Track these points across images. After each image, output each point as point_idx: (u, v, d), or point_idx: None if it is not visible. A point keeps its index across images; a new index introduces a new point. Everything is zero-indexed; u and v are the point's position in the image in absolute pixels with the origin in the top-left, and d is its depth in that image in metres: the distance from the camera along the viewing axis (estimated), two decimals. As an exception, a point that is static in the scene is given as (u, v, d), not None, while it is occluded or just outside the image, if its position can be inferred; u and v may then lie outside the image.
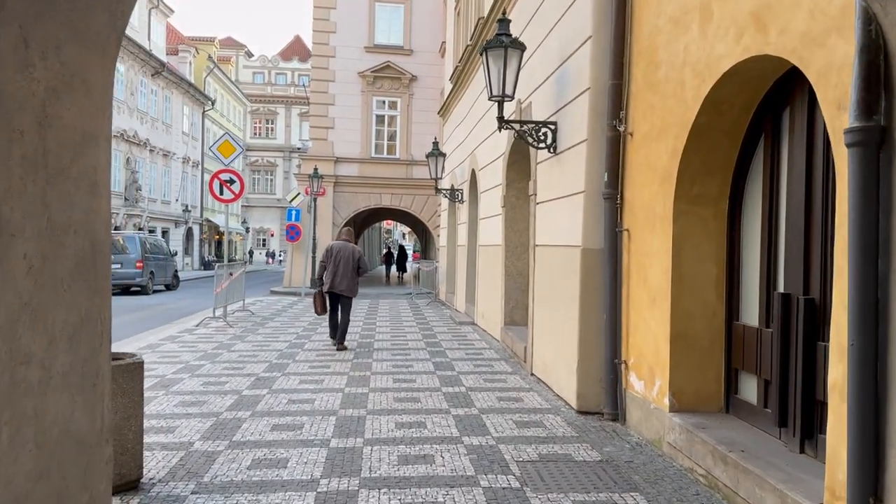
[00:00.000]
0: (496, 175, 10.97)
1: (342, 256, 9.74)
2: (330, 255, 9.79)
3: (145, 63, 34.44)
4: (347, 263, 9.73)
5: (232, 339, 10.60)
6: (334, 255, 9.76)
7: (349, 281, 9.73)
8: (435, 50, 24.32)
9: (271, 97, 62.93)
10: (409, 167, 24.38)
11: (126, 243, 22.26)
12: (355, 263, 9.80)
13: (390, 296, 21.37)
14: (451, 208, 17.29)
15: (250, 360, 8.78)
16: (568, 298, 6.61)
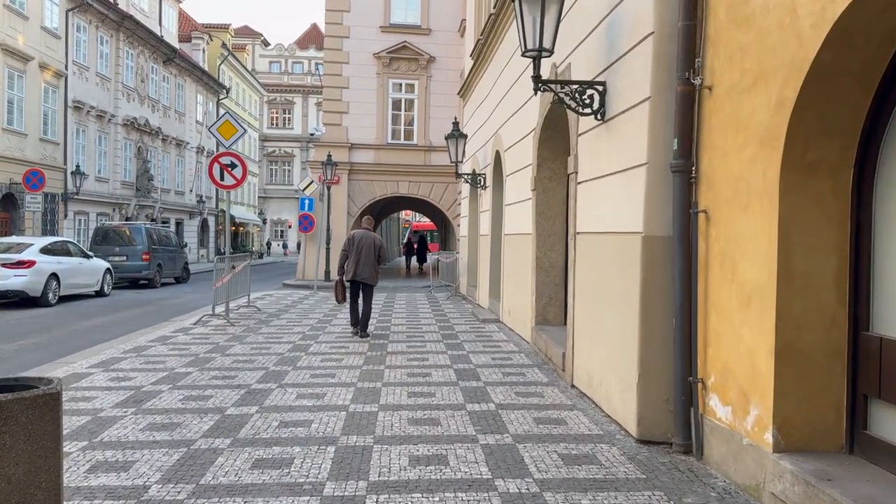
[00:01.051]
0: (525, 154, 9.70)
1: (364, 245, 9.81)
2: (352, 244, 9.85)
3: (156, 49, 33.43)
4: (369, 251, 9.81)
5: (230, 341, 9.47)
6: (356, 244, 9.81)
7: (371, 269, 9.82)
8: (454, 29, 22.99)
9: (288, 86, 62.01)
10: (428, 153, 23.13)
11: (133, 235, 21.30)
12: (377, 252, 9.89)
13: (408, 289, 20.18)
14: (472, 195, 16.04)
15: (245, 366, 7.62)
16: (622, 297, 5.36)
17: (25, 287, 14.07)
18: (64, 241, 16.70)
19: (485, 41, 13.66)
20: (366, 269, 9.76)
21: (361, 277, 9.78)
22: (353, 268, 9.76)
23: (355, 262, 9.75)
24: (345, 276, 9.96)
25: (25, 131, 22.54)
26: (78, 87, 26.34)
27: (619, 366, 5.41)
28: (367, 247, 9.81)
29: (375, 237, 10.02)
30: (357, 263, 9.74)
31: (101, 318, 12.97)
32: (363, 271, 9.76)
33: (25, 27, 22.35)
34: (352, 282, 9.93)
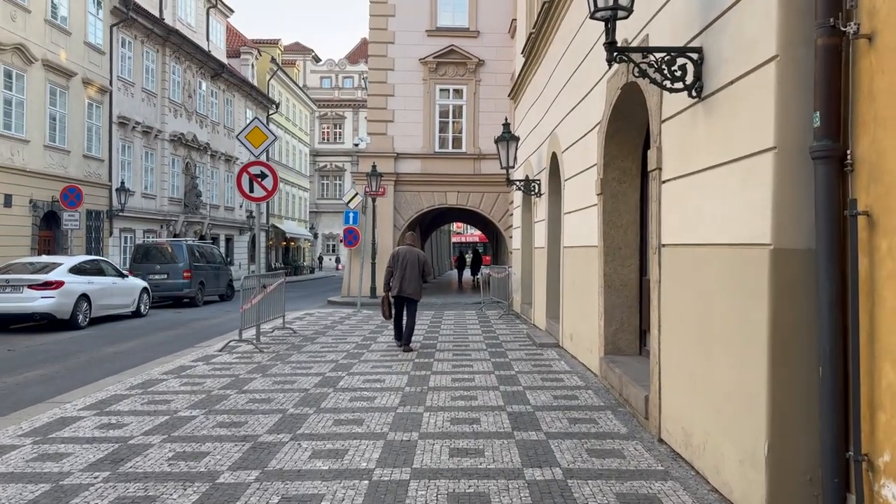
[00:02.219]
0: (588, 154, 8.32)
1: (408, 261, 10.08)
2: (396, 260, 10.13)
3: (204, 64, 33.17)
4: (413, 267, 10.08)
5: (253, 372, 8.33)
6: (400, 260, 10.10)
7: (415, 284, 10.08)
8: (504, 30, 21.76)
9: (338, 101, 61.95)
10: (477, 162, 21.87)
11: (174, 252, 20.64)
12: (420, 267, 10.16)
13: (457, 305, 18.89)
14: (525, 204, 14.68)
15: (259, 408, 6.44)
16: (738, 333, 3.94)
17: (53, 309, 13.32)
18: (96, 259, 16.00)
19: (537, 34, 12.35)
20: (410, 284, 10.03)
21: (406, 293, 10.05)
22: (398, 284, 10.03)
23: (399, 279, 10.02)
24: (390, 293, 10.18)
25: (68, 148, 22.20)
26: (123, 102, 26.05)
27: (734, 426, 3.98)
28: (410, 263, 10.08)
29: (419, 253, 10.30)
30: (402, 279, 10.01)
31: (128, 343, 12.06)
32: (407, 287, 10.03)
33: (68, 42, 22.05)
34: (396, 297, 10.15)
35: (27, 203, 19.98)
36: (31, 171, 20.06)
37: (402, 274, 10.01)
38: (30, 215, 20.18)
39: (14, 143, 19.41)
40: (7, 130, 19.10)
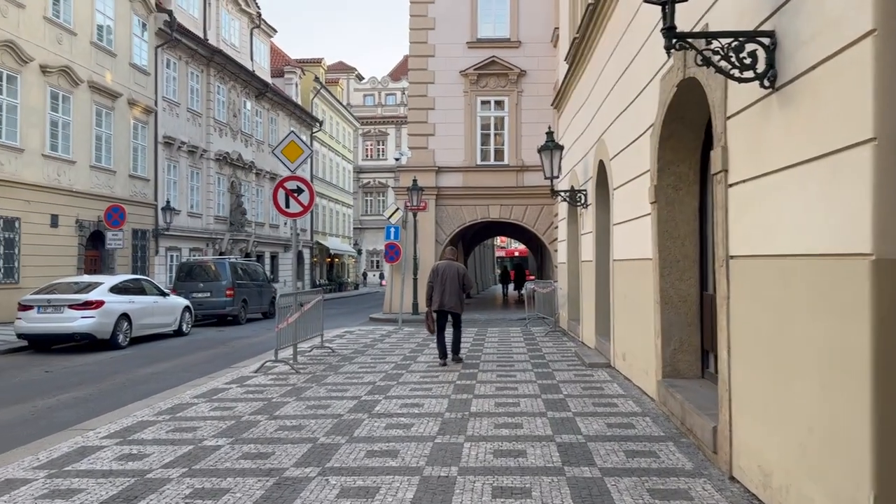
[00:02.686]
0: (639, 160, 7.74)
1: (448, 275, 10.18)
2: (436, 275, 10.24)
3: (248, 84, 33.51)
4: (454, 282, 10.16)
5: (286, 395, 7.93)
6: (440, 274, 10.20)
7: (456, 298, 10.18)
8: (546, 39, 21.27)
9: (381, 118, 62.27)
10: (520, 174, 21.35)
11: (217, 270, 20.59)
12: (461, 281, 10.23)
13: (502, 322, 18.32)
14: (571, 216, 14.09)
15: (289, 436, 6.01)
16: (829, 357, 3.34)
17: (93, 329, 13.23)
18: (138, 278, 15.95)
19: (581, 38, 11.83)
20: (451, 298, 10.14)
21: (447, 307, 10.15)
22: (439, 298, 10.13)
23: (440, 293, 10.12)
24: (431, 307, 10.24)
25: (114, 168, 22.47)
26: (168, 122, 26.36)
27: (825, 468, 3.37)
28: (451, 277, 10.16)
29: (459, 267, 10.35)
30: (443, 294, 10.11)
31: (166, 364, 11.85)
32: (448, 301, 10.13)
33: (113, 64, 22.38)
34: (438, 312, 10.21)
35: (73, 223, 20.22)
36: (77, 192, 20.31)
37: (443, 288, 10.12)
38: (76, 235, 20.41)
39: (61, 164, 19.68)
40: (54, 151, 19.38)
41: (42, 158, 18.84)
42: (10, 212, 17.56)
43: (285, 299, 10.69)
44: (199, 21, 29.19)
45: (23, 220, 18.02)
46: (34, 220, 18.47)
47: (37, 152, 18.59)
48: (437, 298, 10.10)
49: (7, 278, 17.54)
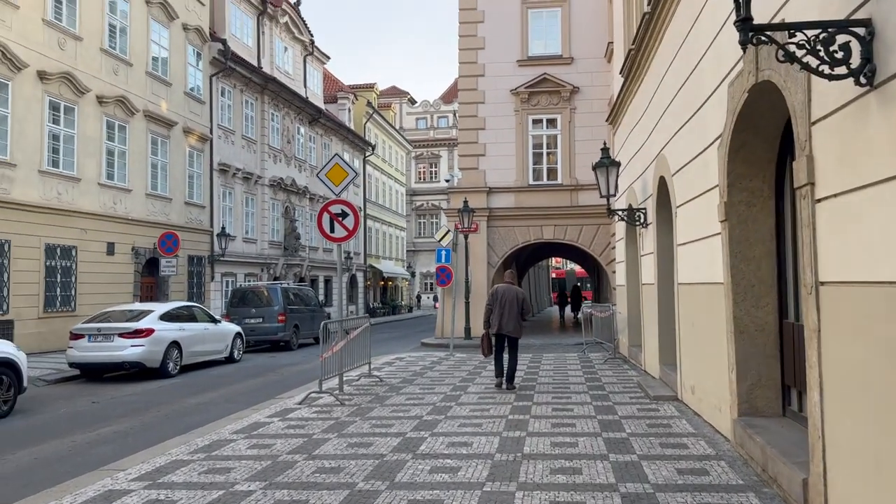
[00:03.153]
0: (706, 174, 7.10)
1: (507, 299, 10.16)
2: (495, 298, 10.25)
3: (301, 110, 33.84)
4: (513, 306, 10.14)
5: (328, 431, 7.50)
6: (499, 298, 10.20)
7: (515, 322, 10.17)
8: (599, 55, 20.68)
9: (434, 141, 62.45)
10: (574, 193, 20.69)
11: (270, 295, 20.50)
12: (520, 305, 10.19)
13: (558, 347, 17.60)
14: (629, 236, 13.39)
15: (326, 480, 5.55)
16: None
17: (142, 358, 13.14)
18: (189, 305, 15.90)
19: (637, 49, 11.24)
20: (510, 322, 10.13)
21: (506, 331, 10.15)
22: (498, 321, 10.12)
23: (499, 316, 10.11)
24: (490, 330, 10.24)
25: (170, 195, 22.75)
26: (223, 150, 26.68)
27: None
28: (509, 301, 10.14)
29: (518, 291, 10.35)
30: (501, 317, 10.10)
31: (213, 393, 11.61)
32: (507, 325, 10.12)
33: (169, 93, 22.76)
34: (497, 336, 10.22)
35: (129, 250, 20.47)
36: (133, 219, 20.59)
37: (502, 312, 10.11)
38: (132, 262, 20.65)
39: (117, 192, 19.99)
40: (110, 180, 19.70)
41: (98, 187, 19.16)
42: (66, 240, 17.84)
43: (331, 325, 10.30)
44: (252, 50, 29.63)
45: (79, 248, 18.29)
46: (90, 249, 18.73)
47: (93, 181, 18.92)
48: (496, 322, 10.14)
49: (64, 306, 17.78)
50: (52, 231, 17.27)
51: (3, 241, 15.80)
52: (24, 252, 16.37)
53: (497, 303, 10.17)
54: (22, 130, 16.27)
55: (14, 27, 16.12)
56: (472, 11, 21.48)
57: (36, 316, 16.82)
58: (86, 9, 18.64)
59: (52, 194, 17.33)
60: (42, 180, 16.99)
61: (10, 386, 9.58)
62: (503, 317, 10.09)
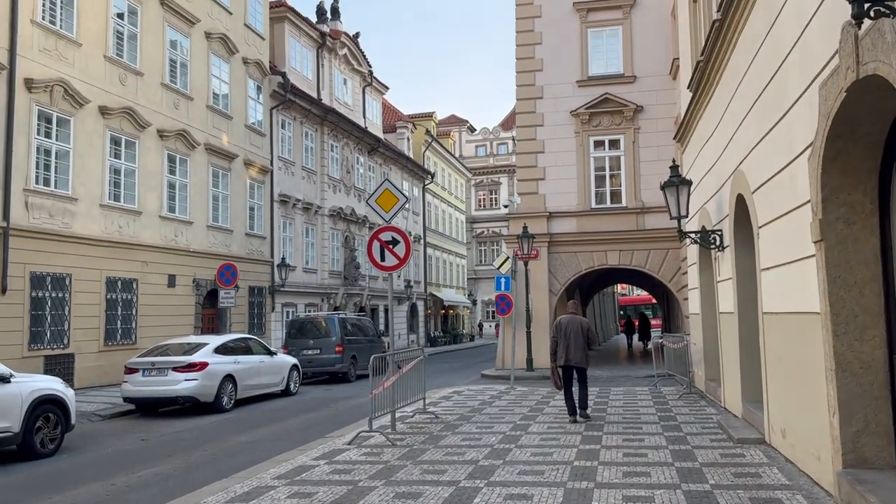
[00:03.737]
0: (795, 188, 6.28)
1: (572, 329, 10.09)
2: (560, 330, 10.16)
3: (361, 140, 33.96)
4: (578, 336, 10.06)
5: (374, 477, 6.89)
6: (564, 329, 10.12)
7: (581, 352, 10.08)
8: (663, 72, 19.83)
9: (493, 168, 62.21)
10: (640, 216, 19.73)
11: (328, 326, 20.20)
12: (585, 335, 10.13)
13: (626, 380, 16.60)
14: (703, 260, 12.44)
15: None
16: None
17: (196, 392, 12.87)
18: (244, 337, 15.66)
19: (707, 60, 10.47)
20: (576, 353, 10.04)
21: (573, 362, 10.07)
22: (564, 353, 10.03)
23: (565, 348, 10.03)
24: (556, 362, 10.14)
25: (231, 227, 22.87)
26: (284, 181, 26.82)
27: None
28: (574, 331, 10.07)
29: (583, 321, 10.30)
30: (568, 349, 10.02)
31: (264, 430, 11.19)
32: (574, 356, 10.04)
33: (229, 126, 23.01)
34: (564, 367, 10.12)
35: (190, 282, 20.55)
36: (194, 251, 20.70)
37: (567, 343, 10.02)
38: (193, 294, 20.72)
39: (178, 225, 20.14)
40: (171, 213, 19.87)
41: (160, 220, 19.33)
42: (127, 273, 17.97)
43: (387, 358, 9.73)
44: (312, 82, 29.91)
45: (140, 280, 18.41)
46: (151, 281, 18.84)
47: (154, 214, 19.10)
48: (563, 353, 10.05)
49: (124, 339, 17.85)
50: (112, 264, 17.43)
51: (64, 274, 15.96)
52: (85, 285, 16.52)
53: (562, 334, 10.08)
54: (83, 165, 16.53)
55: (76, 64, 16.46)
56: (529, 34, 20.99)
57: (96, 349, 16.91)
58: (147, 45, 19.01)
59: (113, 228, 17.51)
60: (103, 214, 17.20)
61: (58, 423, 9.36)
62: (569, 348, 10.00)
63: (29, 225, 15.01)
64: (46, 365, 15.38)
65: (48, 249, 15.50)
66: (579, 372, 10.20)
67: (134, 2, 18.59)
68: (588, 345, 10.20)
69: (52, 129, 15.81)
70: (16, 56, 14.70)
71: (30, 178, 15.09)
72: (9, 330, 14.50)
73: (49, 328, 15.60)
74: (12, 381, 8.78)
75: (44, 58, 15.54)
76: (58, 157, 15.98)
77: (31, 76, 15.06)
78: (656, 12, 20.09)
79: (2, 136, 14.40)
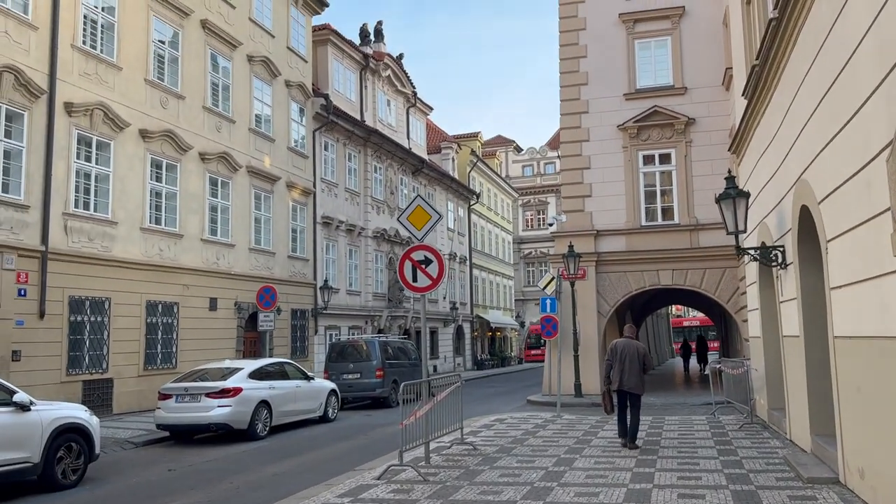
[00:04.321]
0: (871, 195, 5.49)
1: (628, 354, 9.89)
2: (615, 353, 9.97)
3: (404, 161, 33.72)
4: (633, 361, 9.87)
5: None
6: (619, 353, 9.93)
7: (637, 378, 9.86)
8: (716, 83, 18.97)
9: (541, 187, 61.44)
10: (694, 233, 18.77)
11: (369, 349, 19.71)
12: (641, 360, 9.93)
13: (682, 408, 15.60)
14: (763, 279, 11.52)
15: None
16: None
17: (229, 419, 12.46)
18: (280, 362, 15.25)
19: (763, 63, 9.70)
20: (631, 378, 9.82)
21: (628, 387, 9.85)
22: (619, 377, 9.84)
23: (620, 372, 9.84)
24: (611, 387, 10.00)
25: (273, 250, 22.70)
26: (327, 202, 26.66)
27: None
28: (630, 356, 9.87)
29: (639, 345, 10.10)
30: (622, 373, 9.82)
31: (294, 460, 10.68)
32: (628, 381, 9.82)
33: (272, 148, 22.95)
34: (618, 392, 9.93)
35: (232, 305, 20.38)
36: (236, 274, 20.55)
37: (622, 367, 9.82)
38: (235, 317, 20.53)
39: (220, 248, 20.03)
40: (213, 236, 19.78)
41: (201, 243, 19.24)
42: (168, 297, 17.86)
43: (406, 387, 9.11)
44: (355, 104, 29.84)
45: (181, 304, 18.28)
46: (193, 304, 18.70)
47: (195, 237, 19.01)
48: (617, 378, 9.87)
49: (165, 363, 17.69)
50: (153, 288, 17.33)
51: (104, 298, 15.89)
52: (125, 309, 16.42)
53: (617, 358, 9.90)
54: (123, 188, 16.52)
55: (117, 88, 16.53)
56: (573, 47, 20.37)
57: (136, 374, 16.77)
58: (188, 68, 19.07)
59: (153, 251, 17.45)
60: (144, 237, 17.14)
61: (81, 453, 9.03)
62: (624, 372, 9.79)
63: (68, 249, 14.99)
64: (85, 390, 15.27)
65: (87, 273, 15.46)
66: (633, 398, 9.90)
67: (175, 26, 18.69)
68: (644, 370, 9.95)
69: (92, 153, 15.85)
70: (56, 80, 14.78)
71: (69, 202, 15.10)
72: (47, 354, 14.43)
73: (87, 353, 15.50)
74: (33, 409, 8.48)
75: (84, 82, 15.62)
76: (98, 181, 16.00)
77: (70, 100, 15.13)
78: (707, 21, 19.28)
79: (41, 160, 14.44)
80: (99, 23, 16.31)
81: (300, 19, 25.76)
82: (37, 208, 14.35)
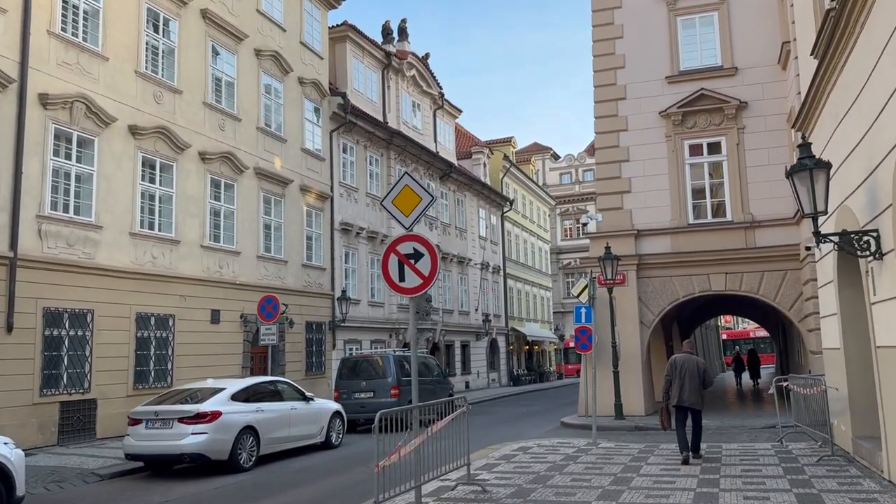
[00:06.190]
0: None
1: (687, 369, 9.89)
2: (675, 368, 9.97)
3: (431, 165, 31.95)
4: (693, 376, 9.86)
5: None
6: (679, 368, 9.92)
7: (696, 394, 9.87)
8: (771, 62, 16.79)
9: (579, 195, 59.02)
10: (750, 232, 16.49)
11: (384, 365, 17.87)
12: (701, 376, 9.91)
13: (741, 432, 13.33)
14: (843, 276, 9.31)
15: None
16: None
17: (204, 449, 10.67)
18: (273, 380, 13.43)
19: (842, 7, 7.60)
20: (691, 394, 9.81)
21: (687, 403, 9.83)
22: (678, 393, 9.84)
23: (679, 387, 9.85)
24: (670, 402, 9.98)
25: (285, 258, 21.07)
26: (346, 208, 25.00)
27: None
28: (690, 371, 9.87)
29: (698, 361, 10.08)
30: (682, 389, 9.83)
31: (273, 500, 8.85)
32: (689, 396, 9.81)
33: (283, 150, 21.37)
34: (677, 407, 9.91)
35: (237, 318, 18.75)
36: (241, 284, 18.92)
37: (682, 383, 9.83)
38: (240, 331, 18.90)
39: (223, 256, 18.45)
40: (215, 242, 18.21)
41: (201, 250, 17.67)
42: (163, 308, 16.28)
43: (398, 412, 7.21)
44: (377, 104, 28.25)
45: (178, 316, 16.68)
46: (191, 317, 17.10)
47: (195, 243, 17.45)
48: (676, 393, 9.86)
49: (158, 381, 16.07)
50: (144, 299, 15.76)
51: (86, 310, 14.34)
52: (111, 322, 14.86)
53: (677, 373, 9.91)
54: (110, 189, 15.02)
55: (102, 79, 15.06)
56: (608, 27, 18.37)
57: (124, 394, 15.15)
58: (185, 60, 17.59)
59: (145, 258, 15.91)
60: (133, 243, 15.61)
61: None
62: (683, 388, 9.81)
63: (42, 255, 13.49)
64: (62, 412, 13.73)
65: (66, 282, 13.93)
66: (694, 414, 9.95)
67: (171, 15, 17.26)
68: (703, 385, 9.97)
69: (73, 150, 14.37)
70: (27, 68, 13.36)
71: (44, 204, 13.61)
72: (16, 374, 12.88)
73: (66, 370, 13.93)
74: (-73, 444, 6.83)
75: (62, 72, 14.17)
76: (79, 181, 14.51)
77: (46, 91, 13.70)
78: (758, -7, 17.11)
79: (10, 156, 12.99)
80: (81, 8, 14.90)
81: (315, 13, 24.25)
82: (4, 210, 12.88)
